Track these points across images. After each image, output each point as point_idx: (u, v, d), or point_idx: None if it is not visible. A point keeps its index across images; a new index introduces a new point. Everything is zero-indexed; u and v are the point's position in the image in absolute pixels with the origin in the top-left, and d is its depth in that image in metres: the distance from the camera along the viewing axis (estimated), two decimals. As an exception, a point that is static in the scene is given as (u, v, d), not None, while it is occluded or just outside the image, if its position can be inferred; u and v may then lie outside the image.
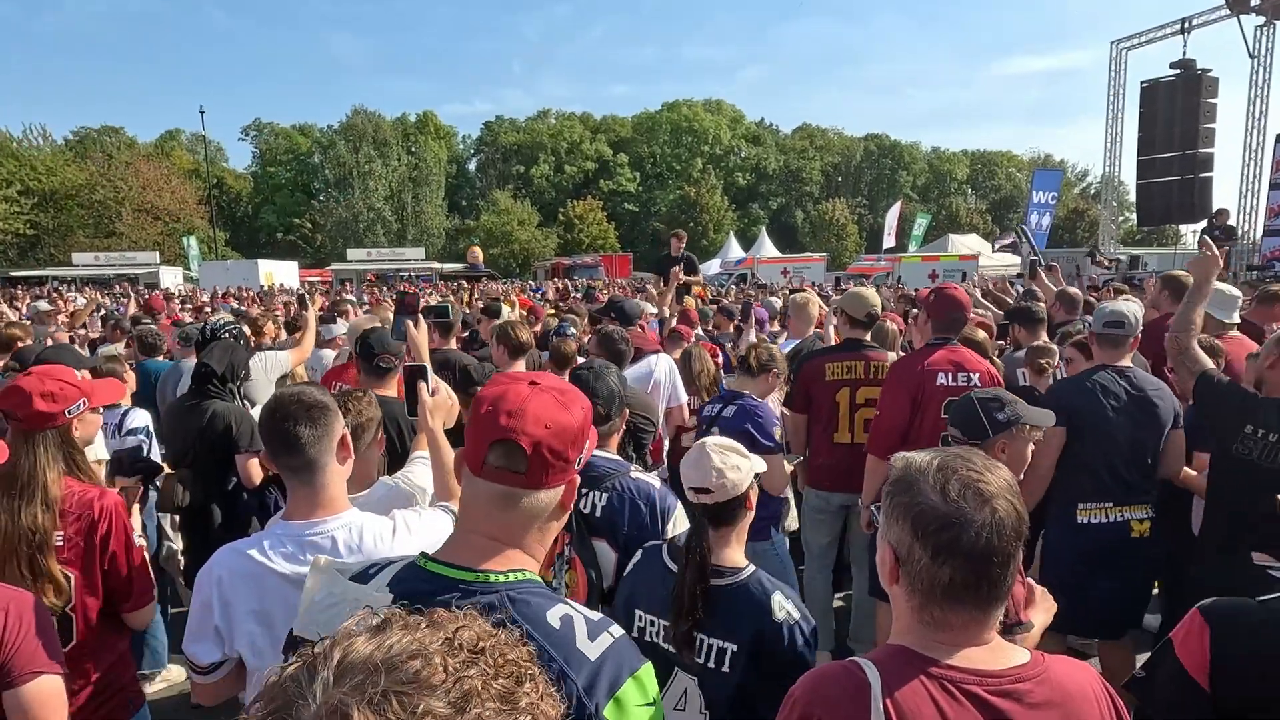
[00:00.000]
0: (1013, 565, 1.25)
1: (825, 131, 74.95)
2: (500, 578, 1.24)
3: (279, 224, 60.89)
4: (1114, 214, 29.67)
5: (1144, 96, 23.29)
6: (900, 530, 1.28)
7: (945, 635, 1.27)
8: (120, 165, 50.08)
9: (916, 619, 1.29)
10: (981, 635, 1.27)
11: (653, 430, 4.14)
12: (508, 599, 1.21)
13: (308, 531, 1.84)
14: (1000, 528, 1.23)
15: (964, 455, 1.32)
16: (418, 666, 0.64)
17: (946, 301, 3.98)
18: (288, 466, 1.87)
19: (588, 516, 2.40)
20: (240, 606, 1.78)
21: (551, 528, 1.33)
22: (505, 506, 1.26)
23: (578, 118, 72.14)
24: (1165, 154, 22.56)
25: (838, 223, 59.42)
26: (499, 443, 1.24)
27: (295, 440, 1.83)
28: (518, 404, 1.25)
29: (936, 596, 1.25)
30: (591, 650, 1.18)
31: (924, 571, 1.25)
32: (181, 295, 20.54)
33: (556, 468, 1.26)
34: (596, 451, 2.51)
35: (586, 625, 1.22)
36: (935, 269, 24.28)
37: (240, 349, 4.19)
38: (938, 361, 3.82)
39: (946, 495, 1.25)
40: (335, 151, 57.00)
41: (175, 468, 3.84)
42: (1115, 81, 26.93)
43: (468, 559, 1.26)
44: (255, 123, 67.55)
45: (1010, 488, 1.28)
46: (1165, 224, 33.36)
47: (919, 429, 3.77)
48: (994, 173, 73.86)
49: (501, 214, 58.23)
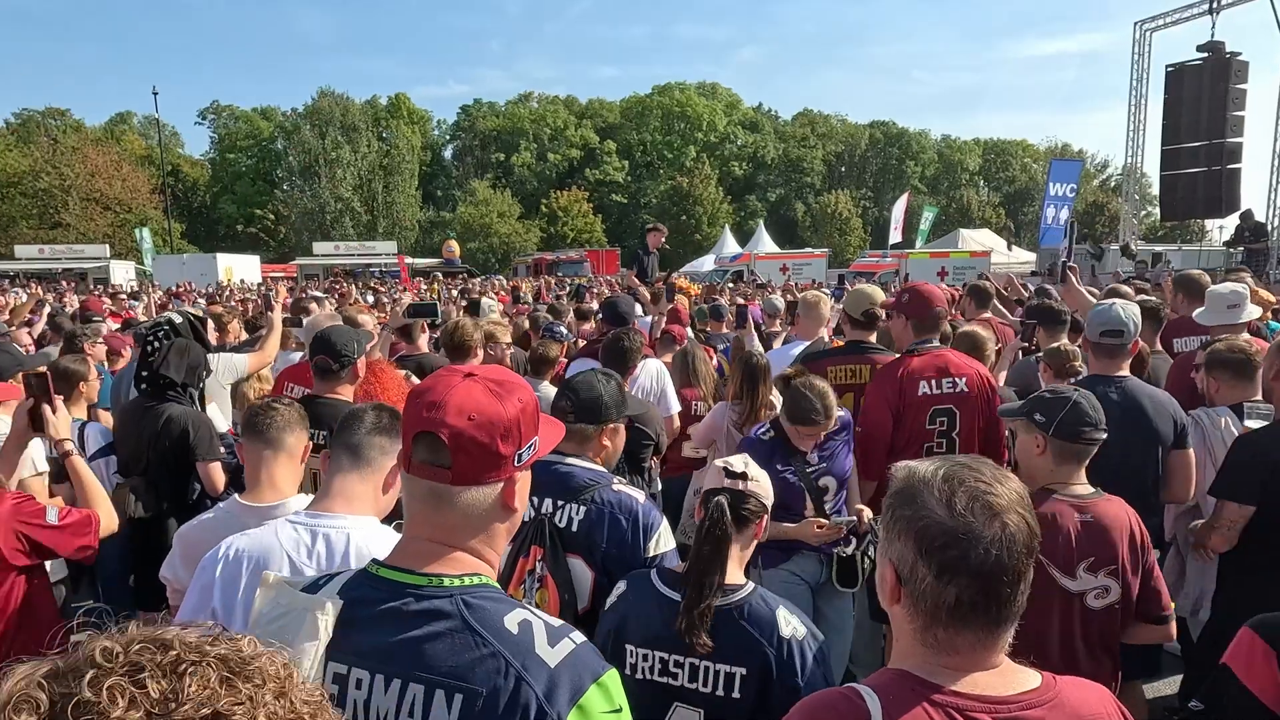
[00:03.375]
0: (1024, 584, 1.25)
1: (828, 118, 75.32)
2: (454, 581, 1.26)
3: (239, 215, 60.66)
4: (1136, 208, 29.90)
5: (1169, 81, 23.44)
6: (902, 546, 1.27)
7: (950, 659, 1.26)
8: (67, 150, 49.78)
9: (919, 641, 1.28)
10: (990, 659, 1.26)
11: (651, 444, 4.11)
12: (462, 603, 1.24)
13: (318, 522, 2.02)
14: (1011, 544, 1.22)
15: (971, 464, 1.30)
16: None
17: (920, 300, 3.97)
18: (342, 444, 2.09)
19: (563, 531, 2.38)
20: (243, 589, 1.91)
21: (497, 530, 1.34)
22: (438, 505, 1.29)
23: (562, 101, 72.26)
24: (1191, 143, 22.71)
25: (841, 216, 59.65)
26: (421, 435, 1.27)
27: (361, 421, 2.10)
28: (442, 395, 1.28)
29: (941, 618, 1.24)
30: (551, 656, 1.20)
31: (928, 591, 1.24)
32: (131, 290, 20.36)
33: (486, 462, 1.28)
34: (577, 461, 2.50)
35: (547, 631, 1.24)
36: (945, 266, 24.40)
37: (195, 348, 4.13)
38: (919, 368, 3.79)
39: (953, 508, 1.23)
40: (300, 137, 56.76)
41: (126, 476, 3.79)
42: (1138, 65, 27.13)
43: (417, 563, 1.29)
44: (213, 105, 67.40)
45: (1022, 500, 1.27)
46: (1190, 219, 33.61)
47: (902, 444, 3.74)
48: (1008, 163, 74.34)
49: (480, 205, 58.22)
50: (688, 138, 68.76)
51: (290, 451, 2.54)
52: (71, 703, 0.61)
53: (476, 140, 68.54)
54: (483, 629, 1.21)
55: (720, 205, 61.13)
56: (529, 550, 2.36)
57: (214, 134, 67.13)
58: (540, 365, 5.02)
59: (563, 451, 2.47)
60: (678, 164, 65.32)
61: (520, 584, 2.31)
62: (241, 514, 2.44)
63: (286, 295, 15.55)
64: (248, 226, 59.23)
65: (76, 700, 0.61)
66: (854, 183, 69.71)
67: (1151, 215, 46.55)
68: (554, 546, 2.35)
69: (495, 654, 1.19)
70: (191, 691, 0.64)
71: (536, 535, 2.37)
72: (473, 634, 1.20)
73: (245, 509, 2.44)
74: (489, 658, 1.18)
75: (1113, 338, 3.55)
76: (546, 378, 4.99)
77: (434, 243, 55.72)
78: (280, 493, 2.48)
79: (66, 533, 2.57)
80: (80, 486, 2.81)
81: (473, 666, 1.18)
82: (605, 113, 71.87)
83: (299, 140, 56.73)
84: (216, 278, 31.65)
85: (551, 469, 2.44)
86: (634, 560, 2.35)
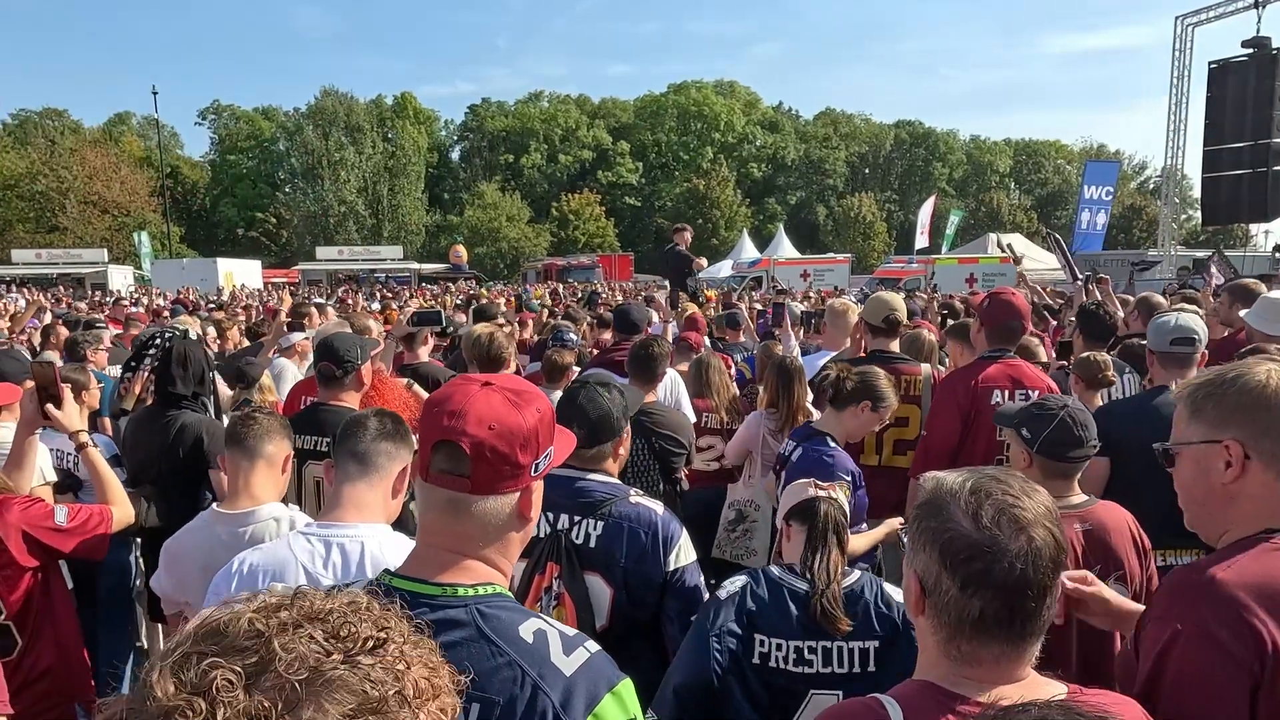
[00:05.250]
0: (1050, 598, 1.28)
1: (851, 117, 75.38)
2: (468, 590, 1.32)
3: (240, 218, 61.27)
4: (1176, 211, 29.70)
5: (1212, 79, 23.32)
6: (927, 558, 1.31)
7: (975, 671, 1.30)
8: (64, 152, 50.55)
9: (943, 653, 1.32)
10: (1015, 672, 1.30)
11: (683, 453, 4.12)
12: (476, 612, 1.29)
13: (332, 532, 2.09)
14: (1037, 558, 1.25)
15: (1000, 477, 1.34)
16: (223, 627, 0.71)
17: (1002, 308, 3.96)
18: (346, 453, 2.15)
19: (580, 547, 2.41)
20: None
21: (512, 539, 1.40)
22: (455, 514, 1.34)
23: (573, 101, 72.65)
24: (1235, 144, 22.58)
25: (864, 220, 59.67)
26: (440, 444, 1.32)
27: (364, 430, 2.16)
28: (461, 404, 1.33)
29: (965, 630, 1.28)
30: (567, 665, 1.25)
31: (952, 603, 1.27)
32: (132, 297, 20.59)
33: (504, 472, 1.33)
34: (593, 476, 2.53)
35: (561, 640, 1.29)
36: (973, 272, 24.31)
37: (194, 354, 4.18)
38: (993, 377, 3.81)
39: (979, 521, 1.27)
40: (302, 137, 57.39)
41: (136, 485, 3.87)
42: (1179, 62, 27.02)
43: (431, 572, 1.34)
44: (214, 105, 68.28)
45: (1049, 514, 1.31)
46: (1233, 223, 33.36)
47: (970, 452, 3.75)
48: (1040, 164, 74.16)
49: (488, 208, 58.60)
50: (704, 138, 68.99)
51: (269, 460, 2.64)
52: (272, 661, 0.67)
53: (485, 141, 69.03)
54: (498, 638, 1.26)
55: (738, 208, 61.28)
56: (545, 567, 2.39)
57: (214, 135, 68.02)
58: (553, 373, 5.08)
59: (576, 465, 2.51)
60: (694, 165, 65.56)
61: (537, 601, 2.34)
62: (215, 522, 2.56)
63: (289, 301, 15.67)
64: (249, 230, 59.83)
65: (275, 659, 0.67)
66: (878, 185, 69.66)
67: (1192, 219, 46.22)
68: (571, 563, 2.38)
69: (511, 663, 1.23)
70: (348, 628, 0.72)
71: (553, 552, 2.39)
72: (488, 643, 1.25)
73: (219, 516, 2.57)
74: (505, 667, 1.23)
75: (1184, 346, 3.50)
76: (559, 386, 5.04)
77: (440, 247, 56.10)
78: (255, 500, 2.58)
79: (77, 534, 2.67)
80: (97, 479, 2.90)
81: (489, 676, 1.22)
82: (619, 112, 72.21)
83: (301, 141, 57.29)
84: (217, 283, 31.96)
85: (566, 484, 2.46)
86: (655, 574, 2.38)
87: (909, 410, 4.26)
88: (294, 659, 0.67)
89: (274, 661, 0.67)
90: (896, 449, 4.31)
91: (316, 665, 0.68)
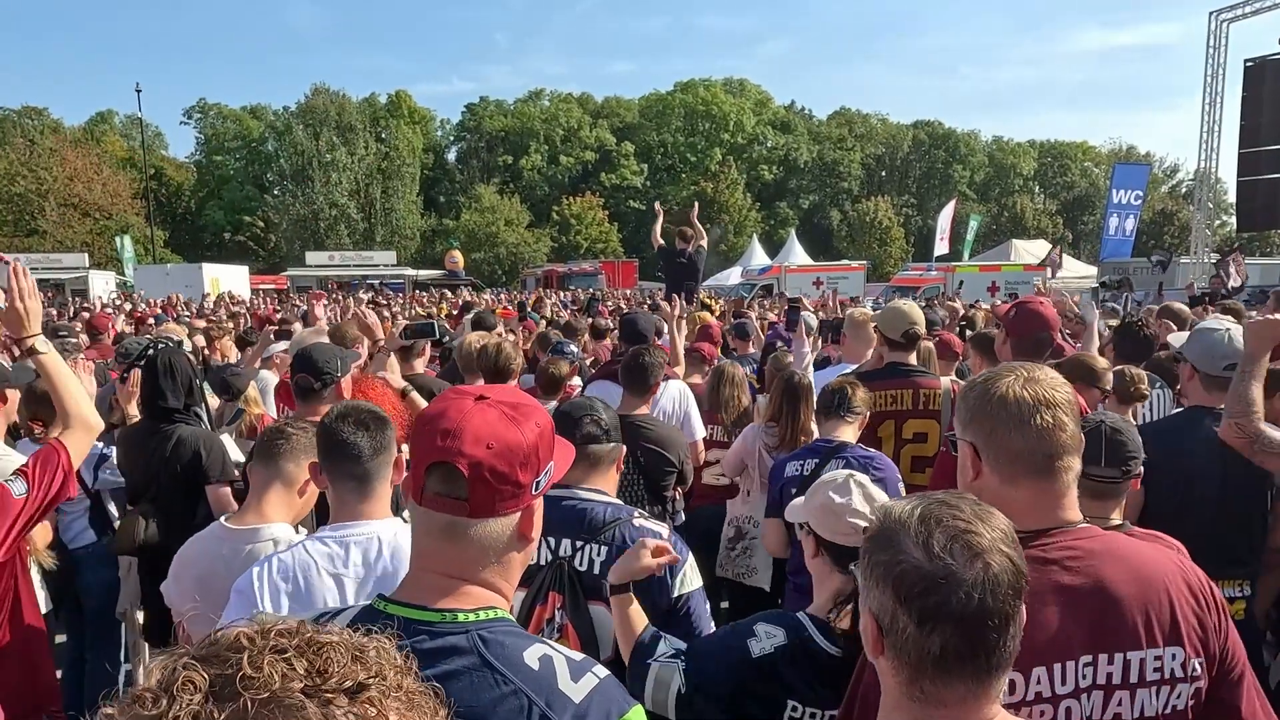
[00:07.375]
0: (1013, 628, 1.26)
1: (867, 117, 75.55)
2: (470, 616, 1.30)
3: (226, 222, 61.55)
4: (1209, 217, 29.66)
5: (1248, 77, 23.33)
6: (881, 595, 1.29)
7: (940, 712, 1.27)
8: (44, 152, 50.82)
9: (906, 695, 1.30)
10: (981, 710, 1.28)
11: (674, 471, 4.11)
12: (478, 638, 1.27)
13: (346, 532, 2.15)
14: (995, 585, 1.23)
15: (950, 501, 1.32)
16: (220, 638, 0.77)
17: (1029, 318, 3.89)
18: (344, 474, 2.19)
19: (583, 575, 2.39)
20: (280, 597, 2.07)
21: (513, 560, 1.38)
22: (453, 538, 1.32)
23: (575, 100, 72.92)
24: (1272, 145, 22.58)
25: (880, 225, 59.63)
26: (435, 466, 1.30)
27: (354, 449, 2.17)
28: (456, 422, 1.30)
29: (927, 669, 1.25)
30: (575, 692, 1.24)
31: (910, 641, 1.25)
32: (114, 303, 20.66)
33: (504, 493, 1.31)
34: (594, 495, 2.51)
35: (569, 665, 1.28)
36: (996, 280, 24.31)
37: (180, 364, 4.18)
38: None
39: (930, 551, 1.25)
40: (292, 138, 57.61)
41: (134, 502, 3.86)
42: (1213, 59, 27.02)
43: (429, 598, 1.32)
44: (199, 104, 68.68)
45: (1006, 538, 1.29)
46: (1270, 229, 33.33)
47: None
48: (1066, 167, 74.16)
49: (486, 212, 58.70)
50: (713, 139, 69.20)
51: (287, 479, 2.61)
52: (237, 676, 0.71)
53: (482, 142, 69.28)
54: (502, 665, 1.24)
55: (748, 213, 61.39)
56: (547, 597, 2.37)
57: (200, 134, 68.43)
58: (550, 385, 5.08)
59: (573, 483, 2.49)
60: (701, 167, 65.75)
61: (538, 631, 2.33)
62: (221, 536, 2.58)
63: (274, 310, 15.73)
64: (236, 234, 60.00)
65: (241, 675, 0.72)
66: (895, 188, 69.76)
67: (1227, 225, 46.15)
68: (574, 592, 2.36)
69: (517, 691, 1.22)
70: (335, 666, 0.76)
71: (555, 580, 2.38)
72: (492, 671, 1.24)
73: (226, 531, 2.58)
74: (510, 695, 1.22)
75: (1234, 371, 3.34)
76: (556, 398, 5.04)
77: (436, 253, 56.23)
78: (263, 518, 2.58)
79: (39, 496, 2.53)
80: (53, 386, 2.70)
81: (494, 705, 1.21)
82: (623, 111, 72.48)
83: (291, 141, 57.49)
84: (202, 289, 32.02)
85: (567, 505, 2.44)
86: (661, 601, 2.35)
87: (928, 425, 4.23)
88: (260, 680, 0.71)
89: (240, 678, 0.71)
90: (915, 466, 4.27)
91: (278, 691, 0.71)
